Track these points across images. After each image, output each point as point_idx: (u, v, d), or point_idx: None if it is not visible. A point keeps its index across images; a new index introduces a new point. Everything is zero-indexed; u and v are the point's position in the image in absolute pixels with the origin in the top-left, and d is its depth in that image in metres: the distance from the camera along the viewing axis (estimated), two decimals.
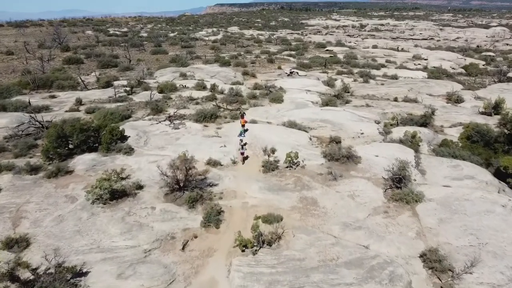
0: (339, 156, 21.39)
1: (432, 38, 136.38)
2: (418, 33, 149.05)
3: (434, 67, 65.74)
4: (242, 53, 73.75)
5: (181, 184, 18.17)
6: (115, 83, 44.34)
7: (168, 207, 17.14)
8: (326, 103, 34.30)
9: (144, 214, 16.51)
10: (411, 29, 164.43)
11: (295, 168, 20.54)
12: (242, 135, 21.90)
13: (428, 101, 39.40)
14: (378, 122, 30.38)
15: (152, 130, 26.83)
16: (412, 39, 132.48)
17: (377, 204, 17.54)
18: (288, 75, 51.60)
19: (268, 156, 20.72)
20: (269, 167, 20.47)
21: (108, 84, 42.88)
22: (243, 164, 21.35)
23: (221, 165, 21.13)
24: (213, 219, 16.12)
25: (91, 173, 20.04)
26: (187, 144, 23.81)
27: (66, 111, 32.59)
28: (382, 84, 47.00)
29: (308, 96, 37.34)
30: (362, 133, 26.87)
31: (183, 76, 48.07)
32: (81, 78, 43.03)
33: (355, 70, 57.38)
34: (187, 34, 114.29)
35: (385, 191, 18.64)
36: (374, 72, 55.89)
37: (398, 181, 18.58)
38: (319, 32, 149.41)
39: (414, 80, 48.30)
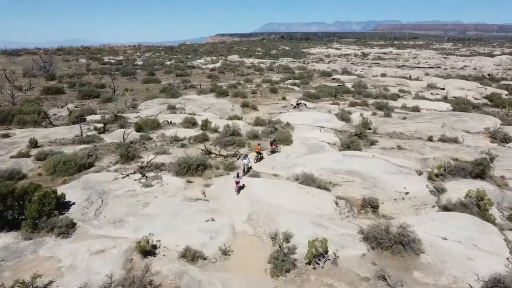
0: (389, 242, 13.63)
1: (438, 67, 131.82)
2: (423, 61, 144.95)
3: (454, 97, 59.12)
4: (241, 82, 67.38)
5: None
6: (89, 117, 37.27)
7: None
8: (347, 145, 26.85)
9: None
10: (415, 58, 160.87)
11: (322, 267, 12.77)
12: (246, 159, 21.50)
13: (468, 140, 32.13)
14: (420, 173, 22.82)
15: (113, 189, 19.19)
16: (418, 67, 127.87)
17: None
18: (295, 107, 44.63)
19: (280, 247, 12.96)
20: (281, 265, 12.68)
21: (79, 119, 35.69)
22: (237, 194, 18.59)
23: (204, 259, 13.32)
24: None
25: None
26: (158, 214, 16.18)
27: (12, 157, 25.09)
28: (405, 118, 39.92)
29: (323, 135, 29.99)
30: (406, 193, 19.19)
31: (172, 108, 41.06)
32: (45, 113, 35.88)
33: (370, 101, 50.50)
34: (184, 62, 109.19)
35: None
36: (391, 103, 49.03)
37: None
38: (321, 60, 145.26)
39: (441, 113, 41.18)
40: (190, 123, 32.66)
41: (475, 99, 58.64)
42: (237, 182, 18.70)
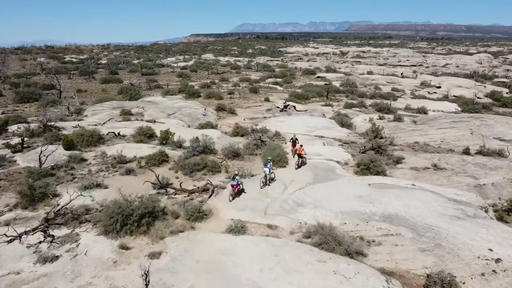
0: None
1: (421, 65, 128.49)
2: (404, 59, 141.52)
3: (455, 96, 52.99)
4: (216, 81, 58.67)
5: None
6: (13, 127, 27.82)
7: None
8: (365, 166, 18.88)
9: None
10: (394, 56, 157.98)
11: None
12: (268, 165, 16.65)
13: None
14: (486, 210, 15.13)
15: None
16: (400, 65, 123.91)
17: None
18: (282, 110, 36.51)
19: None
20: None
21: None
22: (231, 199, 14.74)
23: None
24: None
25: None
26: None
27: None
28: (415, 122, 32.66)
29: (328, 150, 21.92)
30: (497, 260, 11.30)
31: (126, 114, 32.02)
32: None
33: (368, 102, 43.14)
34: (153, 61, 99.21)
35: None
36: (392, 104, 41.86)
37: None
38: (300, 59, 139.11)
39: (459, 116, 34.17)
40: (144, 135, 23.78)
41: (478, 97, 52.59)
42: (234, 186, 15.34)
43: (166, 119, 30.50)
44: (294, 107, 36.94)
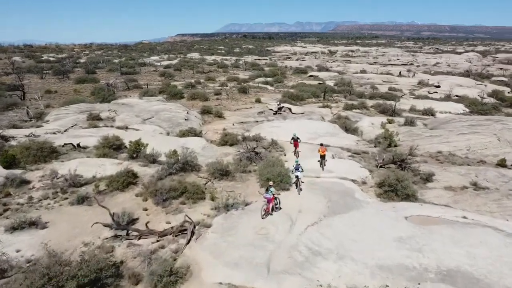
0: None
1: (412, 64, 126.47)
2: (394, 58, 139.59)
3: (458, 96, 49.75)
4: (202, 80, 53.96)
5: None
6: None
7: None
8: (390, 187, 14.67)
9: None
10: (383, 55, 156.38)
11: None
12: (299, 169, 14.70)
13: None
14: None
15: None
16: (391, 64, 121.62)
17: None
18: (276, 112, 32.19)
19: None
20: None
21: None
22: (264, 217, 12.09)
23: None
24: None
25: None
26: None
27: None
28: (426, 125, 28.86)
29: (340, 166, 17.62)
30: None
31: (94, 119, 27.21)
32: None
33: (369, 103, 39.20)
34: (136, 60, 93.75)
35: None
36: (391, 104, 37.96)
37: None
38: (288, 58, 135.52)
39: (476, 119, 30.34)
40: (110, 146, 19.08)
41: (481, 97, 49.39)
42: (269, 200, 12.50)
43: (141, 125, 25.82)
44: (290, 109, 32.67)
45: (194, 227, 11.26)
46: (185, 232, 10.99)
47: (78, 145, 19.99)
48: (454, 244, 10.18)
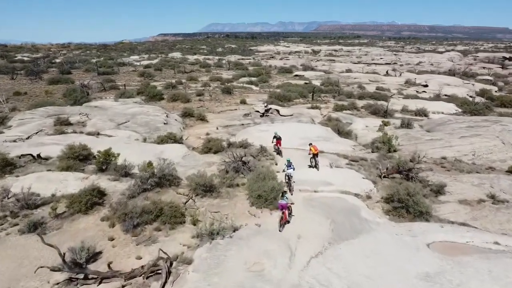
0: None
1: (395, 63, 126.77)
2: (378, 58, 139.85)
3: (446, 95, 48.90)
4: (183, 80, 51.34)
5: None
6: None
7: None
8: (401, 204, 12.74)
9: None
10: (366, 55, 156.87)
11: None
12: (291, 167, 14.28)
13: None
14: None
15: None
16: (374, 63, 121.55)
17: None
18: (263, 115, 30.05)
19: None
20: None
21: None
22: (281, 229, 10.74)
23: None
24: None
25: None
26: None
27: None
28: (421, 127, 27.32)
29: (339, 177, 15.59)
30: None
31: (62, 124, 24.42)
32: None
33: (360, 103, 37.53)
34: (115, 59, 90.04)
35: None
36: (383, 104, 36.50)
37: None
38: (272, 57, 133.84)
39: (473, 120, 28.96)
40: (75, 157, 16.50)
41: (470, 97, 48.68)
42: (283, 207, 11.13)
43: (114, 131, 23.21)
44: (278, 111, 30.60)
45: (171, 264, 8.99)
46: (159, 272, 8.70)
47: (39, 155, 17.33)
48: (495, 281, 8.26)
